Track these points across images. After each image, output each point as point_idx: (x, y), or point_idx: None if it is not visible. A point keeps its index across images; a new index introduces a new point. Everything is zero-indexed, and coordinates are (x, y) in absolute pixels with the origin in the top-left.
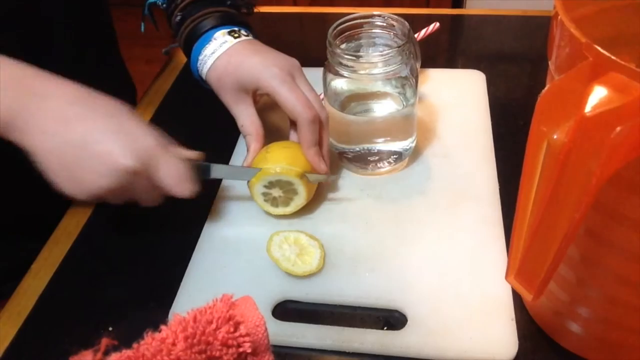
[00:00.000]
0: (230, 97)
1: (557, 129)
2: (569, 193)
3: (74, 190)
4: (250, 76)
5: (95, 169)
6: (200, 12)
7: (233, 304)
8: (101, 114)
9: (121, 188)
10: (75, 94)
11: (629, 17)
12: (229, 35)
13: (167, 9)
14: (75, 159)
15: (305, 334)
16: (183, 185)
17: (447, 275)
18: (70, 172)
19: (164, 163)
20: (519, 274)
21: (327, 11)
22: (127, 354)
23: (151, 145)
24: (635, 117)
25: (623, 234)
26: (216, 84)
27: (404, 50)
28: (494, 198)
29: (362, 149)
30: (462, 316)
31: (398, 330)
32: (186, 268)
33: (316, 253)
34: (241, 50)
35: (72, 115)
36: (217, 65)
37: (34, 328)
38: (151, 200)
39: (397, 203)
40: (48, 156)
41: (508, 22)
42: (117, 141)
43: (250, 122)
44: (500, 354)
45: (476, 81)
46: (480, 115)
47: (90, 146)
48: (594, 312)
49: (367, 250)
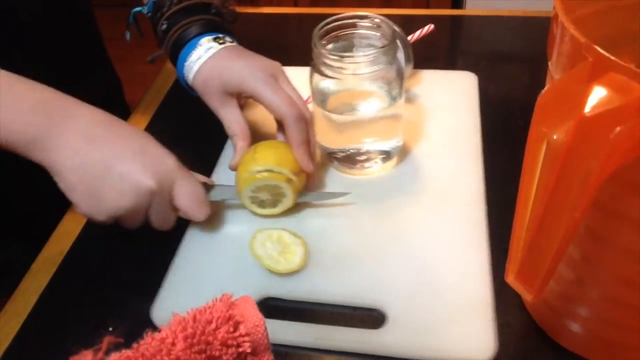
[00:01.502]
0: (215, 100)
1: (556, 129)
2: (569, 193)
3: (92, 210)
4: (235, 79)
5: (117, 188)
6: (185, 20)
7: (233, 304)
8: (124, 136)
9: (139, 208)
10: (99, 117)
11: (629, 17)
12: (214, 41)
13: (153, 17)
14: (98, 178)
15: (286, 332)
16: (199, 208)
17: (428, 275)
18: (91, 191)
19: (182, 185)
20: (519, 274)
21: (328, 12)
22: (127, 353)
23: (171, 168)
24: (634, 117)
25: (623, 234)
26: (202, 88)
27: (388, 50)
28: (479, 199)
29: (350, 149)
30: (442, 316)
31: (377, 329)
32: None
33: (299, 251)
34: (226, 55)
35: (97, 135)
36: (203, 70)
37: (34, 328)
38: (165, 223)
39: (382, 203)
40: (71, 174)
41: (508, 23)
42: (138, 162)
43: (236, 122)
44: (478, 355)
45: (468, 82)
46: (470, 116)
47: (113, 165)
48: (594, 311)
49: (351, 250)
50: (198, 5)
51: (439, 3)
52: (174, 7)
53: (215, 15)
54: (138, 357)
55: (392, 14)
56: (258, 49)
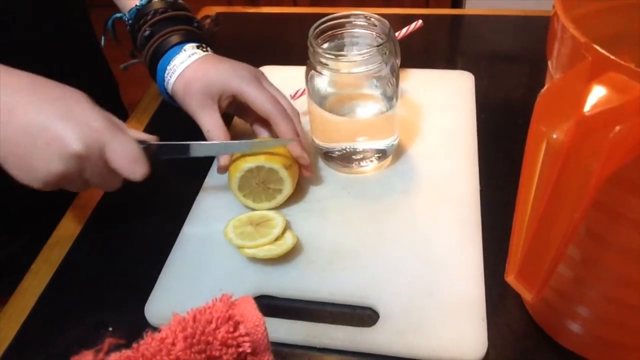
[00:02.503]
0: (196, 103)
1: (556, 129)
2: (569, 192)
3: (28, 179)
4: (219, 79)
5: (45, 156)
6: (170, 28)
7: (232, 304)
8: (47, 99)
9: (74, 173)
10: (19, 81)
11: (629, 17)
12: (197, 48)
13: (134, 24)
14: (25, 147)
15: (277, 329)
16: (134, 167)
17: (421, 275)
18: (22, 160)
19: (114, 145)
20: (519, 273)
21: (328, 11)
22: (127, 353)
23: (100, 128)
24: (634, 116)
25: (623, 234)
26: (183, 90)
27: (383, 49)
28: (473, 199)
29: (346, 148)
30: (433, 315)
31: (370, 327)
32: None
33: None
34: (209, 60)
35: (15, 103)
36: (185, 74)
37: (34, 328)
38: (109, 186)
39: (377, 202)
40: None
41: (507, 22)
42: (65, 127)
43: (218, 126)
44: (469, 354)
45: (465, 82)
46: (466, 116)
47: (38, 133)
48: (594, 311)
49: (345, 248)
50: (181, 17)
51: (438, 2)
52: (158, 15)
53: (196, 29)
54: (138, 357)
55: (392, 13)
56: (258, 48)
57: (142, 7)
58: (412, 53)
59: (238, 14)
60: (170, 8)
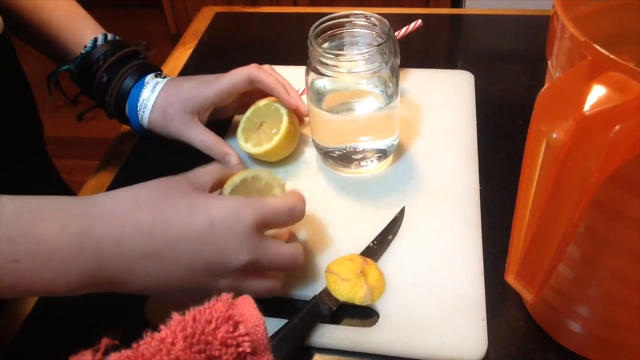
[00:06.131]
0: (179, 124)
1: (556, 128)
2: (569, 192)
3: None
4: (193, 95)
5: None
6: (124, 69)
7: (232, 304)
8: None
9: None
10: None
11: (629, 16)
12: (156, 77)
13: (86, 72)
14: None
15: (275, 329)
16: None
17: (421, 274)
18: (183, 293)
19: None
20: (519, 273)
21: (327, 11)
22: (127, 353)
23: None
24: (634, 115)
25: (623, 234)
26: (161, 119)
27: (383, 48)
28: (473, 198)
29: (346, 148)
30: (434, 315)
31: (369, 327)
32: None
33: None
34: (173, 83)
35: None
36: (158, 103)
37: (34, 328)
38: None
39: (377, 201)
40: (155, 295)
41: (507, 22)
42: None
43: (208, 134)
44: (469, 354)
45: (465, 81)
46: (466, 115)
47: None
48: (594, 311)
49: (344, 248)
50: (129, 54)
51: (438, 2)
52: (109, 59)
53: (143, 59)
54: (138, 357)
55: (391, 12)
56: (258, 48)
57: (88, 53)
58: (412, 53)
59: (237, 14)
60: (116, 48)
